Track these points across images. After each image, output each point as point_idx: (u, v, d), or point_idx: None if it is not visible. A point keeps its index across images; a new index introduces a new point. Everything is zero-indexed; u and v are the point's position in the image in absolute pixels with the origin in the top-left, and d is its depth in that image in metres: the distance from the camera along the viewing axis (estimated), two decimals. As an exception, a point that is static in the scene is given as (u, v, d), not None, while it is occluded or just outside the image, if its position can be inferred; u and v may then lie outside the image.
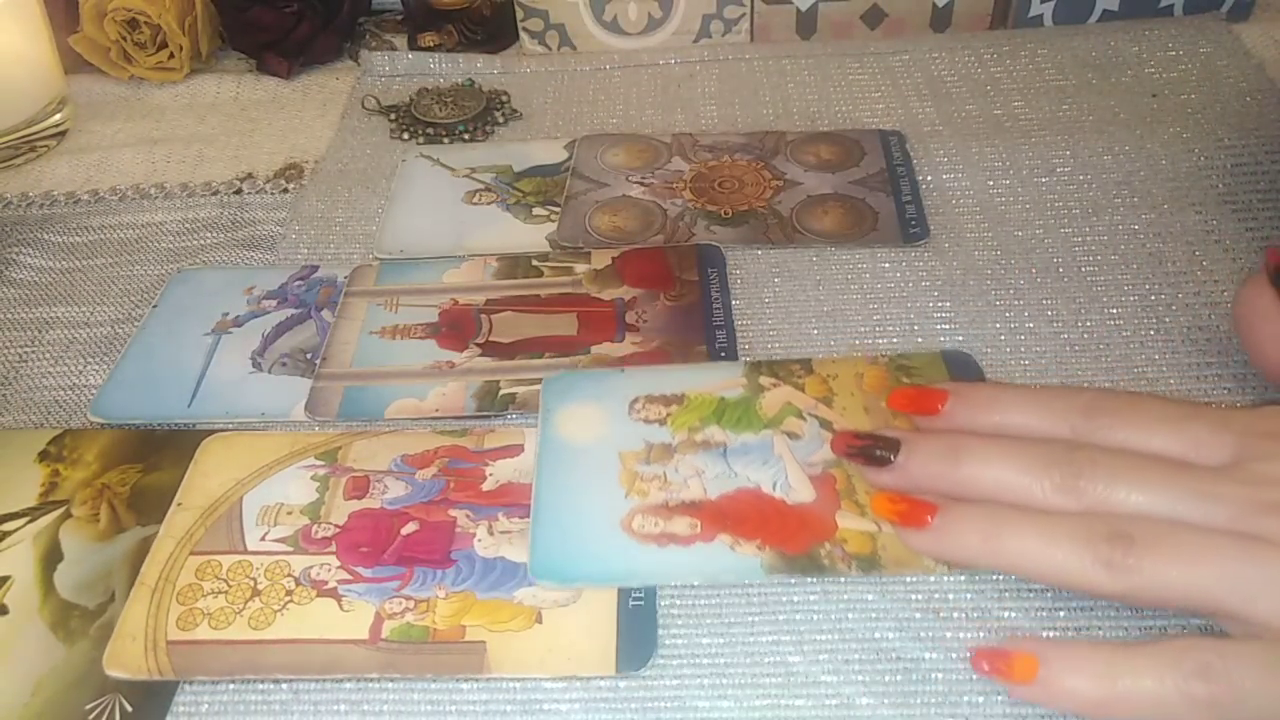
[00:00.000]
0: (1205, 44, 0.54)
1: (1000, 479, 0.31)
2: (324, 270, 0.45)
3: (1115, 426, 0.31)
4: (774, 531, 0.33)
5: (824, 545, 0.32)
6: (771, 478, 0.35)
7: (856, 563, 0.32)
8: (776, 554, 0.32)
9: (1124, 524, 0.29)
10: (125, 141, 0.55)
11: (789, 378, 0.38)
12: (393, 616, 0.32)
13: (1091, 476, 0.30)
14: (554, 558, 0.33)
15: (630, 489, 0.35)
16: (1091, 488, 0.30)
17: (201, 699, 0.31)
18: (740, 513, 0.34)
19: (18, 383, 0.42)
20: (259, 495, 0.36)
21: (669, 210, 0.47)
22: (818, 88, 0.55)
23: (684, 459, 0.35)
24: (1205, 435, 0.30)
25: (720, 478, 0.35)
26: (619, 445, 0.36)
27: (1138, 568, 0.28)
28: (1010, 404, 0.33)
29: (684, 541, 0.33)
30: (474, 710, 0.30)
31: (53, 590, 0.34)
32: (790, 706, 0.30)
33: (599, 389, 0.38)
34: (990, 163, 0.48)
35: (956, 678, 0.30)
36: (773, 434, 0.36)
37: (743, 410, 0.37)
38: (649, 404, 0.37)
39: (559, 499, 0.35)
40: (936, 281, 0.43)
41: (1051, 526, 0.29)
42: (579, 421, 0.37)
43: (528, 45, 0.59)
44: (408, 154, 0.52)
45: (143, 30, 0.57)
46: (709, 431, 0.36)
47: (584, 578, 0.32)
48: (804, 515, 0.33)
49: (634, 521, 0.34)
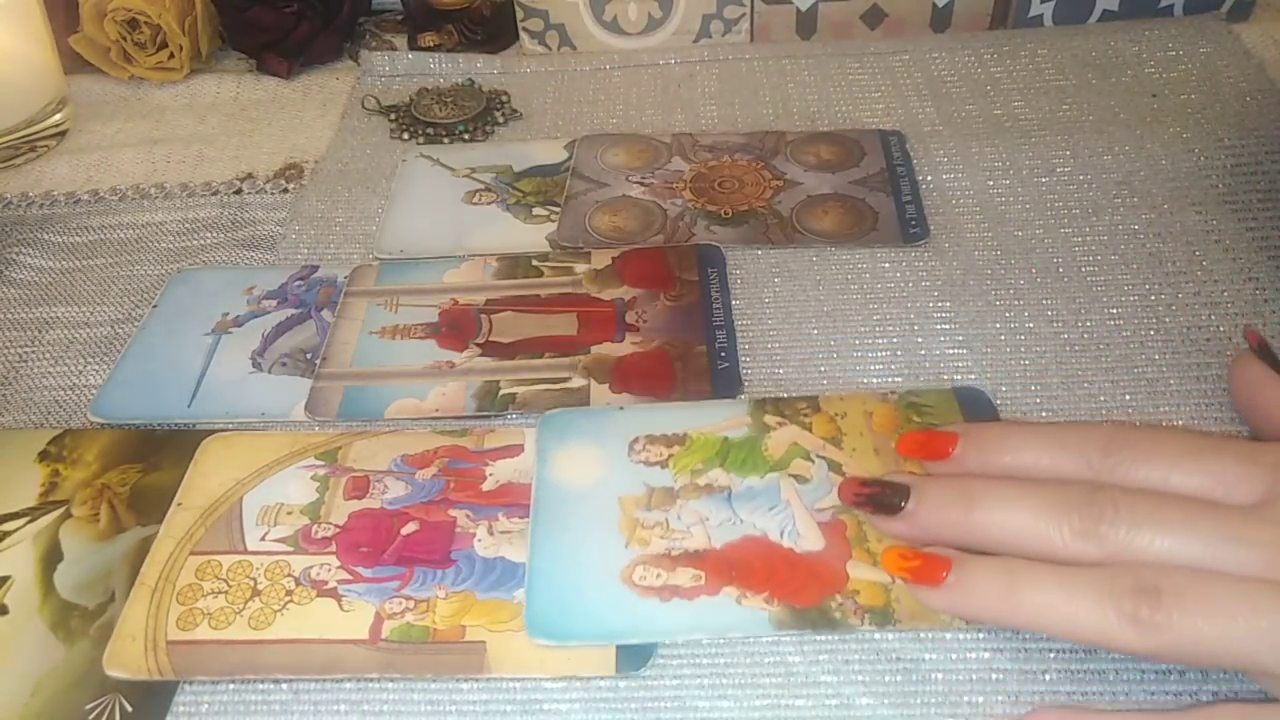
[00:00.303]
0: (1205, 44, 0.54)
1: (1016, 525, 0.29)
2: (324, 270, 0.45)
3: (1136, 463, 0.30)
4: (782, 583, 0.32)
5: (835, 597, 0.31)
6: (779, 525, 0.33)
7: (869, 616, 0.31)
8: (785, 607, 0.31)
9: (1150, 575, 0.27)
10: (125, 141, 0.55)
11: (795, 416, 0.37)
12: (393, 616, 0.32)
13: (1113, 520, 0.28)
14: (551, 614, 0.31)
15: (631, 537, 0.33)
16: (1114, 532, 0.28)
17: (201, 699, 0.31)
18: (747, 563, 0.32)
19: (18, 383, 0.42)
20: (259, 495, 0.36)
21: (669, 210, 0.47)
22: (818, 88, 0.55)
23: (687, 504, 0.34)
24: (1232, 470, 0.29)
25: (725, 525, 0.33)
26: (619, 490, 0.35)
27: (1167, 624, 0.26)
28: (1023, 443, 0.32)
29: (687, 594, 0.32)
30: (474, 710, 0.30)
31: (53, 590, 0.34)
32: (790, 706, 0.30)
33: (597, 428, 0.37)
34: (990, 163, 0.48)
35: (956, 678, 0.30)
36: (779, 477, 0.35)
37: (748, 451, 0.36)
38: (650, 444, 0.36)
39: (556, 549, 0.33)
40: (936, 281, 0.43)
41: (1074, 581, 0.28)
42: (577, 464, 0.36)
43: (528, 45, 0.59)
44: (408, 154, 0.52)
45: (143, 30, 0.57)
46: (713, 474, 0.35)
47: (582, 635, 0.31)
48: (814, 565, 0.32)
49: (635, 573, 0.32)
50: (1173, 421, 0.36)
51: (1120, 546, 0.28)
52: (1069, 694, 0.29)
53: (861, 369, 0.39)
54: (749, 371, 0.39)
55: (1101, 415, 0.37)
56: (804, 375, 0.39)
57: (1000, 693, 0.29)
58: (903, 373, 0.39)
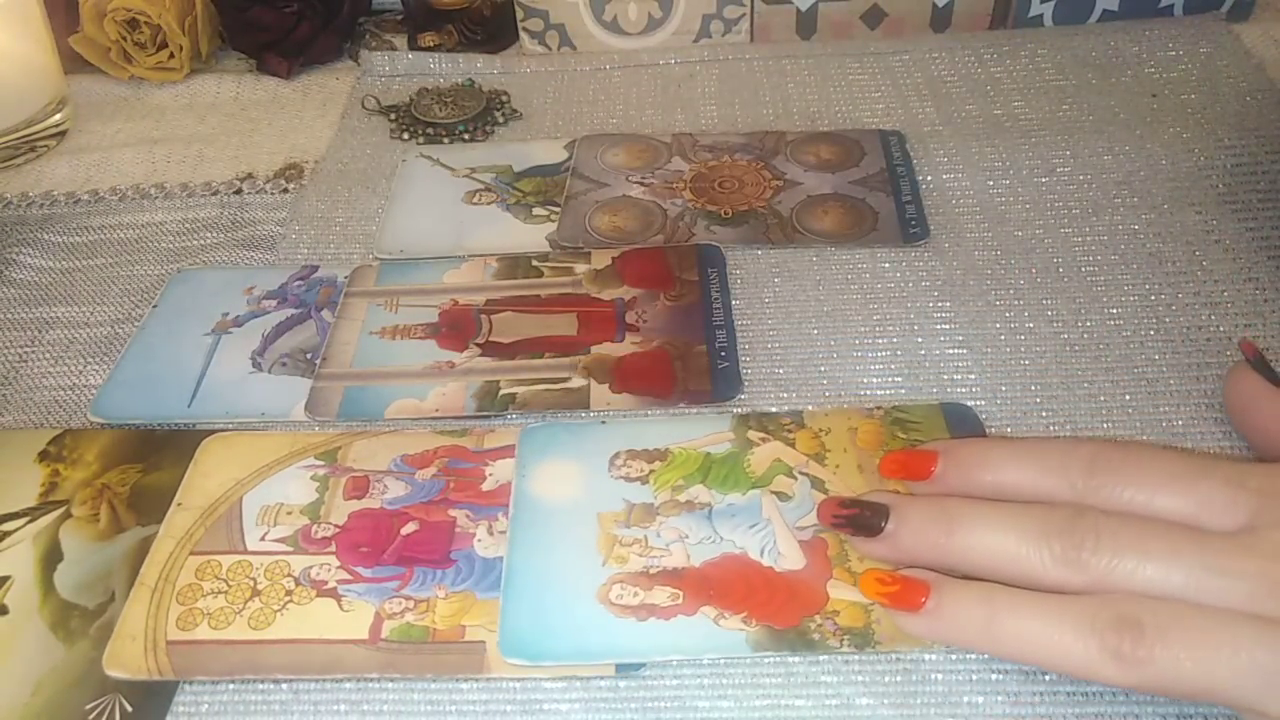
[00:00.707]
0: (1205, 44, 0.54)
1: (998, 548, 0.29)
2: (324, 270, 0.45)
3: (1119, 484, 0.29)
4: (761, 603, 0.31)
5: (814, 618, 0.31)
6: (759, 543, 0.33)
7: (849, 638, 0.30)
8: (763, 628, 0.31)
9: (1132, 608, 0.27)
10: (125, 141, 0.55)
11: (779, 432, 0.36)
12: (393, 616, 0.32)
13: (1095, 549, 0.28)
14: (524, 633, 0.31)
15: (609, 555, 0.33)
16: (1096, 560, 0.28)
17: (201, 699, 0.31)
18: (726, 582, 0.32)
19: (18, 383, 0.42)
20: (259, 495, 0.36)
21: (669, 210, 0.47)
22: (818, 88, 0.55)
23: (666, 521, 0.34)
24: (1218, 494, 0.28)
25: (705, 543, 0.33)
26: (597, 506, 0.34)
27: (1149, 659, 0.26)
28: (1004, 461, 0.31)
29: (664, 614, 0.31)
30: (474, 710, 0.30)
31: (53, 590, 0.34)
32: (790, 706, 0.30)
33: (578, 442, 0.37)
34: (990, 163, 0.48)
35: (956, 678, 0.30)
36: (761, 494, 0.34)
37: (730, 468, 0.35)
38: (631, 459, 0.36)
39: (532, 566, 0.33)
40: (936, 281, 0.43)
41: (1055, 611, 0.27)
42: (556, 478, 0.35)
43: (528, 45, 0.59)
44: (408, 154, 0.52)
45: (143, 30, 0.57)
46: (693, 491, 0.35)
47: (556, 655, 0.30)
48: (794, 585, 0.32)
49: (611, 592, 0.32)
50: (1172, 423, 0.36)
51: (1102, 574, 0.28)
52: (1069, 694, 0.29)
53: (861, 369, 0.39)
54: (749, 371, 0.39)
55: (1101, 415, 0.37)
56: (804, 375, 0.39)
57: (1000, 693, 0.29)
58: (902, 372, 0.39)
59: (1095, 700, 0.29)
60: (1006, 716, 0.29)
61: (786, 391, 0.39)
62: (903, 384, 0.38)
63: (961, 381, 0.38)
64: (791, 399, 0.38)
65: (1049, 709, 0.29)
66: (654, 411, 0.38)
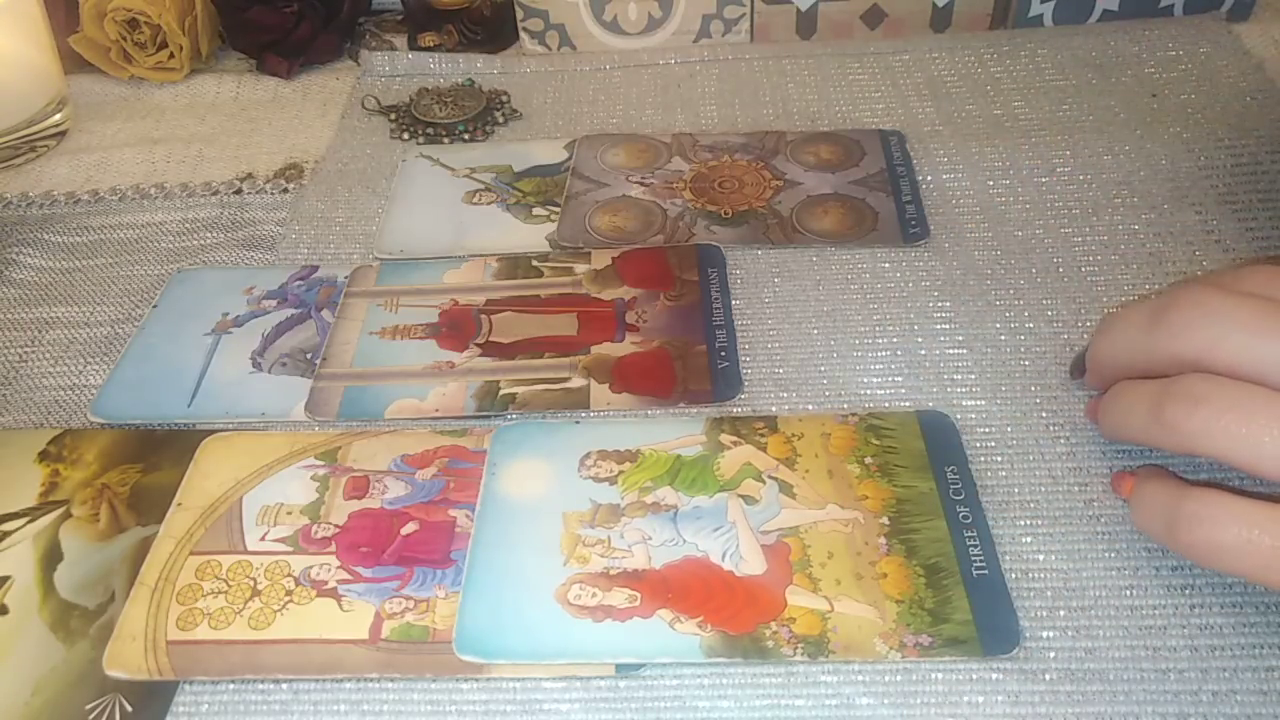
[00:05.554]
0: (1205, 44, 0.54)
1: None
2: (324, 270, 0.45)
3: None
4: (718, 608, 0.31)
5: (770, 625, 0.31)
6: (722, 547, 0.33)
7: (803, 646, 0.30)
8: (718, 634, 0.30)
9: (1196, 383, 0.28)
10: (125, 141, 0.55)
11: (751, 436, 0.36)
12: (393, 616, 0.32)
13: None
14: (480, 629, 0.31)
15: (570, 555, 0.33)
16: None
17: (201, 699, 0.31)
18: (684, 585, 0.32)
19: (18, 383, 0.42)
20: (259, 495, 0.36)
21: (669, 210, 0.47)
22: (818, 88, 0.55)
23: (631, 523, 0.34)
24: None
25: (667, 545, 0.33)
26: (564, 505, 0.34)
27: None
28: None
29: (620, 616, 0.31)
30: (474, 710, 0.30)
31: (53, 590, 0.34)
32: (790, 706, 0.30)
33: (551, 441, 0.37)
34: (990, 163, 0.48)
35: (956, 678, 0.30)
36: (727, 498, 0.34)
37: (699, 470, 0.35)
38: (601, 460, 0.36)
39: (493, 563, 0.33)
40: (936, 281, 0.43)
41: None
42: (525, 477, 0.35)
43: (528, 45, 0.59)
44: (408, 154, 0.52)
45: (143, 30, 0.57)
46: (660, 493, 0.34)
47: (508, 653, 0.30)
48: (752, 590, 0.32)
49: (570, 592, 0.32)
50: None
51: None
52: (1068, 694, 0.29)
53: (861, 369, 0.39)
54: (749, 371, 0.39)
55: (1101, 415, 0.37)
56: (804, 375, 0.39)
57: (1000, 693, 0.29)
58: (902, 372, 0.39)
59: (1095, 700, 0.29)
60: (1006, 716, 0.29)
61: (786, 391, 0.39)
62: (902, 384, 0.38)
63: (961, 381, 0.38)
64: (791, 399, 0.38)
65: (1050, 709, 0.29)
66: (631, 413, 0.38)
